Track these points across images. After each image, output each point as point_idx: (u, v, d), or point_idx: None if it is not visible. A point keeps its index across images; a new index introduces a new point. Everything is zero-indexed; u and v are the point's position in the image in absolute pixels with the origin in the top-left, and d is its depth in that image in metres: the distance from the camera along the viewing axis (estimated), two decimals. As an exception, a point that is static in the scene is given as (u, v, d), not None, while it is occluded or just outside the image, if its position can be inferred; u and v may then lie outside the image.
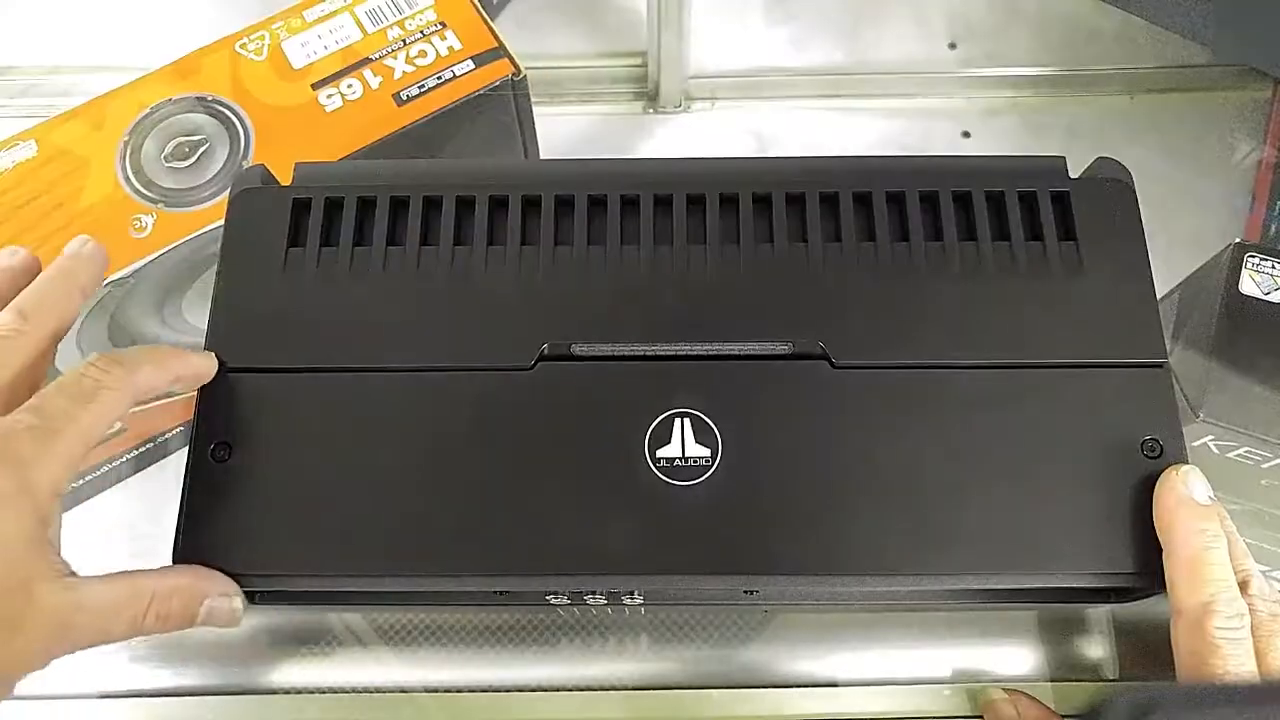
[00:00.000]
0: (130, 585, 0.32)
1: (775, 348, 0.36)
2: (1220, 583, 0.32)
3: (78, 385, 0.32)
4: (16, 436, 0.30)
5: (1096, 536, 0.34)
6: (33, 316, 0.34)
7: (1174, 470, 0.34)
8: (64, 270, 0.36)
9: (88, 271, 0.36)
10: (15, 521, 0.30)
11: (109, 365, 0.33)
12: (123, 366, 0.33)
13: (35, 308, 0.34)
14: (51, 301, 0.35)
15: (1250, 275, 0.48)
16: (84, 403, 0.32)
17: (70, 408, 0.32)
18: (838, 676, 0.38)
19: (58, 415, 0.31)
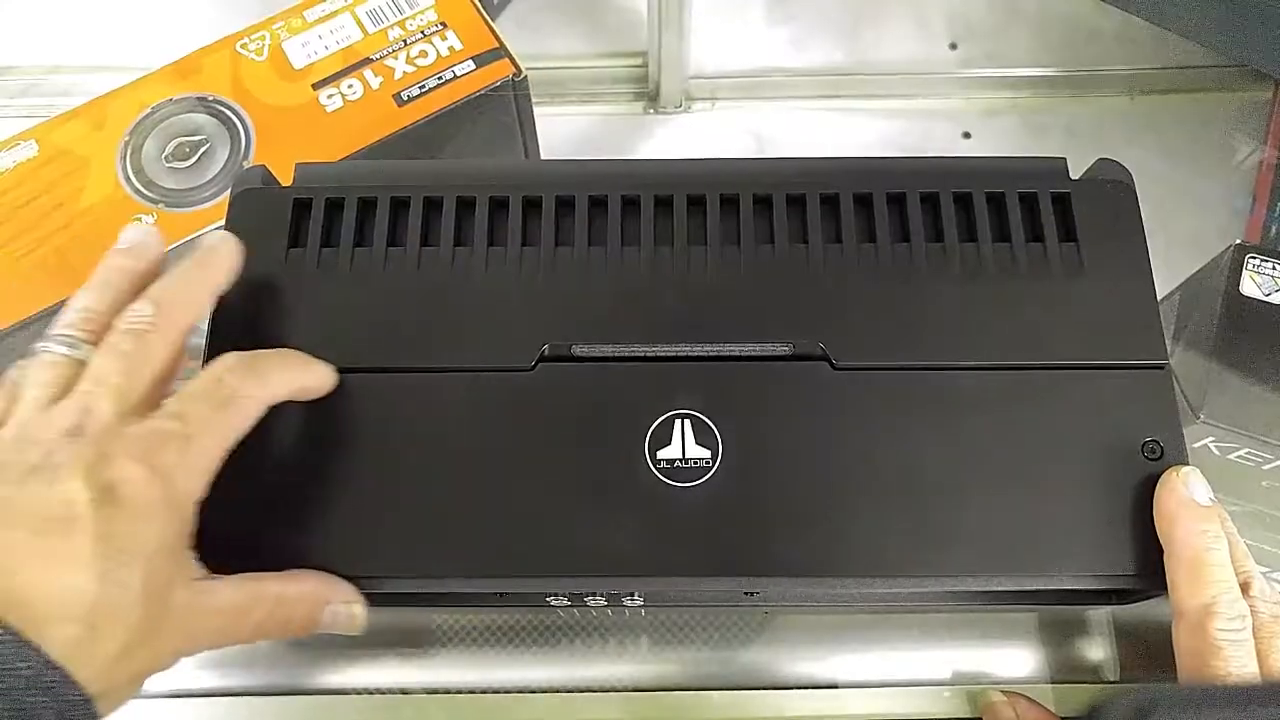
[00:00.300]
0: (256, 590, 0.32)
1: (776, 349, 0.36)
2: (1222, 584, 0.32)
3: (217, 392, 0.32)
4: (163, 445, 0.30)
5: (1097, 538, 0.34)
6: (166, 310, 0.33)
7: (1174, 471, 0.34)
8: (199, 263, 0.35)
9: (222, 267, 0.35)
10: (160, 530, 0.30)
11: (245, 373, 0.32)
12: (257, 374, 0.33)
13: (169, 301, 0.33)
14: (185, 296, 0.34)
15: (1251, 276, 0.48)
16: (223, 410, 0.32)
17: (211, 415, 0.31)
18: (838, 678, 0.38)
19: (199, 422, 0.31)
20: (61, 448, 0.30)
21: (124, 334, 0.32)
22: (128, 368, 0.31)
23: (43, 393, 0.31)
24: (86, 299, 0.34)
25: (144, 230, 0.36)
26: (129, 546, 0.29)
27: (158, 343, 0.32)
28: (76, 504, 0.29)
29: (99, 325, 0.33)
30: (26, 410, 0.31)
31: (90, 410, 0.30)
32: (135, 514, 0.29)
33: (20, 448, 0.30)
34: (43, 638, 0.27)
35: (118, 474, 0.29)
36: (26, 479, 0.29)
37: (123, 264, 0.35)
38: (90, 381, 0.31)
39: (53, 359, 0.32)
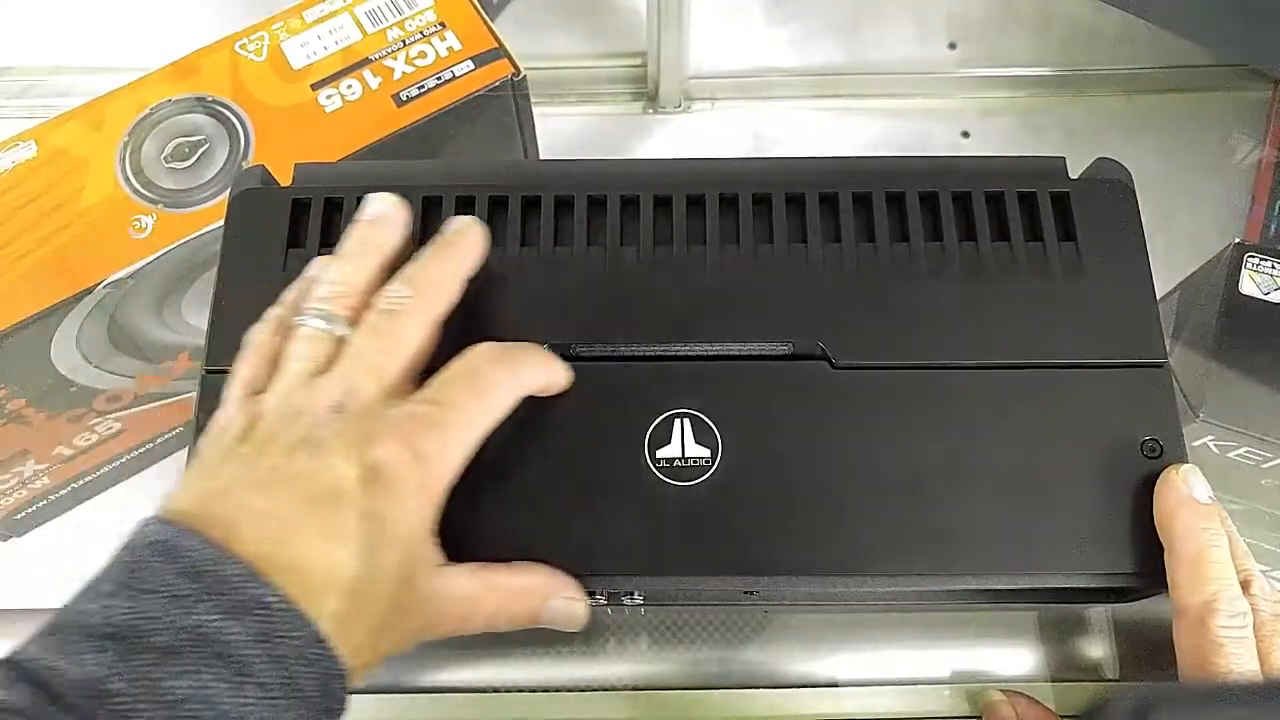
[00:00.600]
0: (488, 580, 0.32)
1: (775, 348, 0.36)
2: (1222, 581, 0.32)
3: (475, 380, 0.32)
4: (424, 429, 0.30)
5: (1097, 537, 0.34)
6: (423, 293, 0.33)
7: (1174, 469, 0.34)
8: (451, 246, 0.35)
9: (472, 251, 0.35)
10: (417, 515, 0.30)
11: (502, 365, 0.32)
12: (512, 366, 0.33)
13: (426, 284, 0.33)
14: (440, 280, 0.34)
15: (1250, 275, 0.48)
16: (480, 399, 0.32)
17: (469, 403, 0.31)
18: (838, 677, 0.38)
19: (458, 410, 0.31)
20: (327, 423, 0.30)
21: (383, 314, 0.32)
22: (387, 348, 0.32)
23: (304, 366, 0.32)
24: (338, 271, 0.34)
25: (389, 201, 0.35)
26: (389, 527, 0.29)
27: (415, 326, 0.32)
28: (345, 480, 0.29)
29: (354, 301, 0.33)
30: (289, 381, 0.31)
31: (354, 388, 0.31)
32: (397, 496, 0.29)
33: (287, 419, 0.30)
34: (310, 610, 0.27)
35: (382, 455, 0.29)
36: (295, 451, 0.29)
37: (371, 236, 0.35)
38: (352, 359, 0.31)
39: (311, 332, 0.32)
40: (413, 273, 0.33)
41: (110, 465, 0.59)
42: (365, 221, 0.35)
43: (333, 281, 0.33)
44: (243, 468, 0.29)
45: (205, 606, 0.26)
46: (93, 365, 0.51)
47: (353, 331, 0.32)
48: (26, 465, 0.54)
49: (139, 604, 0.26)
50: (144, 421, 0.57)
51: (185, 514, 0.28)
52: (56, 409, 0.52)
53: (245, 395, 0.32)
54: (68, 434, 0.54)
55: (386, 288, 0.33)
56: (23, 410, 0.50)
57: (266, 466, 0.29)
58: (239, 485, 0.29)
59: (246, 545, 0.27)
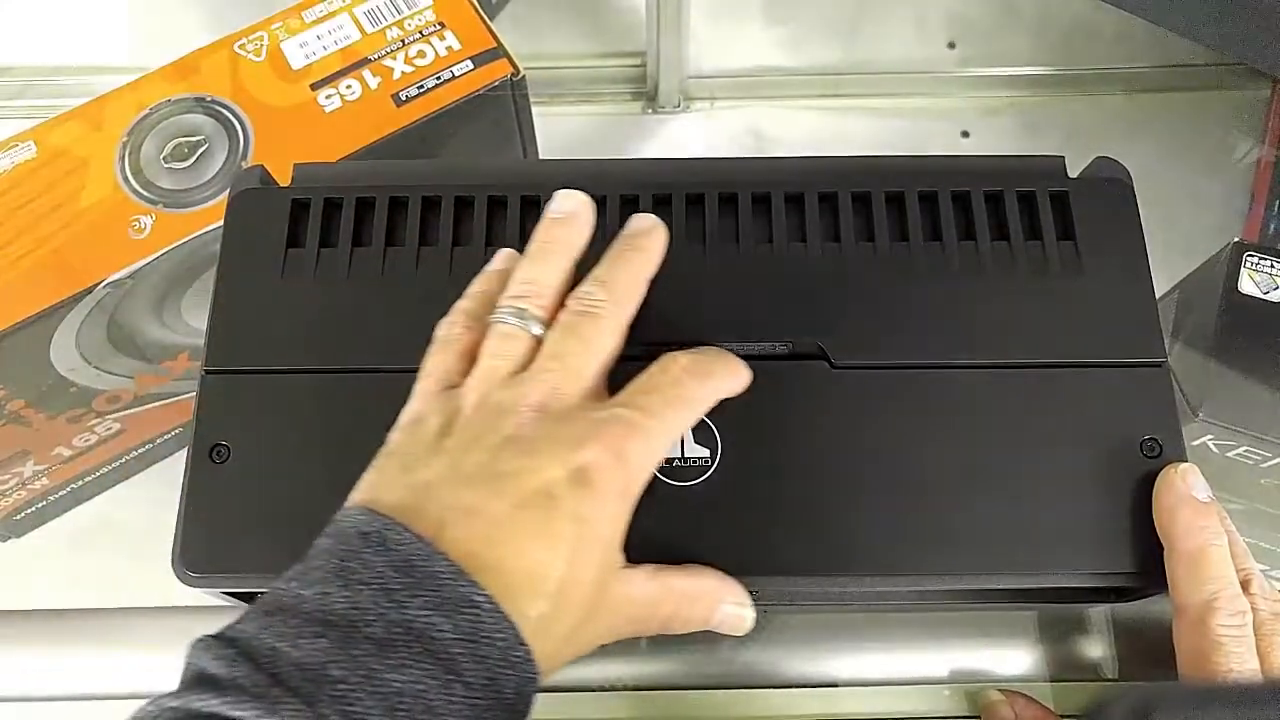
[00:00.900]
0: (665, 584, 0.32)
1: (774, 347, 0.36)
2: (1222, 580, 0.32)
3: (676, 391, 0.31)
4: (627, 434, 0.30)
5: (1096, 536, 0.34)
6: (617, 295, 0.33)
7: (1173, 468, 0.34)
8: (638, 247, 0.34)
9: (657, 251, 0.35)
10: (617, 518, 0.30)
11: (700, 376, 0.32)
12: (709, 378, 0.32)
13: (619, 286, 0.33)
14: (631, 281, 0.33)
15: (1249, 274, 0.48)
16: (678, 409, 0.31)
17: (667, 412, 0.31)
18: (837, 677, 0.38)
19: (657, 417, 0.31)
20: (534, 423, 0.30)
21: (581, 316, 0.32)
22: (586, 350, 0.31)
23: (502, 363, 0.31)
24: (530, 270, 0.33)
25: (578, 199, 0.35)
26: (593, 531, 0.29)
27: (611, 329, 0.32)
28: (554, 482, 0.29)
29: (547, 300, 0.33)
30: (489, 378, 0.31)
31: (557, 389, 0.31)
32: (601, 499, 0.29)
33: (491, 416, 0.30)
34: (515, 611, 0.27)
35: (590, 458, 0.29)
36: (502, 449, 0.29)
37: (561, 234, 0.34)
38: (552, 359, 0.31)
39: (509, 330, 0.32)
40: (605, 275, 0.33)
41: (110, 466, 0.59)
42: (554, 219, 0.35)
43: (527, 280, 0.33)
44: (449, 463, 0.29)
45: (418, 602, 0.26)
46: (92, 366, 0.51)
47: (548, 331, 0.32)
48: (26, 466, 0.54)
49: (354, 594, 0.26)
50: (143, 422, 0.57)
51: (393, 506, 0.28)
52: (56, 409, 0.52)
53: (439, 389, 0.32)
54: (67, 434, 0.54)
55: (580, 289, 0.33)
56: (22, 411, 0.50)
57: (474, 463, 0.29)
58: (446, 481, 0.29)
59: (455, 543, 0.27)
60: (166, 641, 0.39)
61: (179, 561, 0.34)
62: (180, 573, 0.34)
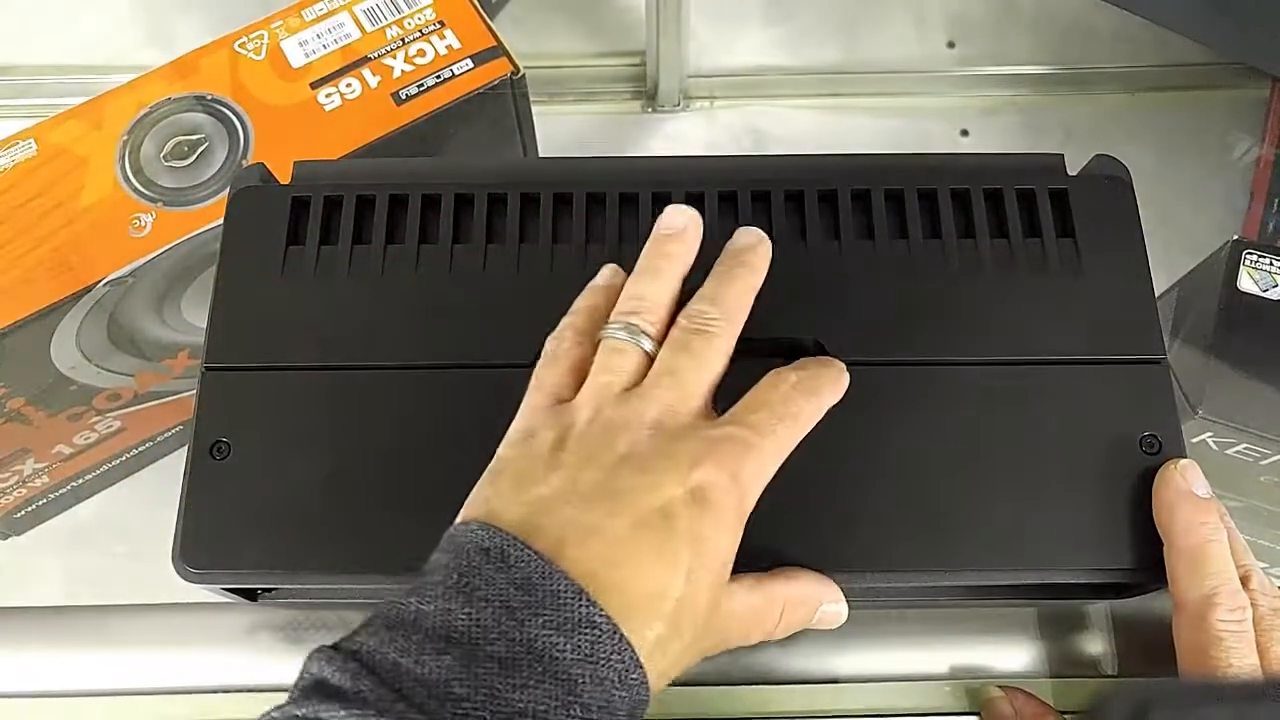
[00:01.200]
0: (768, 594, 0.32)
1: (773, 345, 0.36)
2: (1222, 575, 0.32)
3: (785, 408, 0.31)
4: (742, 453, 0.30)
5: (1096, 532, 0.34)
6: (728, 314, 0.32)
7: (1172, 464, 0.34)
8: (745, 265, 0.34)
9: (762, 269, 0.34)
10: (732, 538, 0.29)
11: (809, 394, 0.32)
12: (818, 395, 0.32)
13: (729, 305, 0.33)
14: (739, 300, 0.33)
15: (1248, 272, 0.48)
16: (789, 427, 0.31)
17: (778, 430, 0.31)
18: (837, 673, 0.38)
19: (769, 435, 0.30)
20: (649, 441, 0.29)
21: (695, 334, 0.32)
22: (700, 368, 0.31)
23: (616, 379, 0.31)
24: (641, 286, 0.33)
25: (686, 215, 0.34)
26: (709, 551, 0.29)
27: (722, 347, 0.32)
28: (673, 501, 0.28)
29: (658, 316, 0.33)
30: (602, 394, 0.31)
31: (672, 406, 0.30)
32: (716, 519, 0.29)
33: (606, 433, 0.30)
34: (632, 632, 0.27)
35: (706, 477, 0.29)
36: (619, 467, 0.29)
37: (673, 251, 0.34)
38: (666, 376, 0.31)
39: (621, 345, 0.32)
40: (715, 292, 0.33)
41: (110, 463, 0.59)
42: (664, 235, 0.34)
43: (639, 296, 0.33)
44: (566, 479, 0.29)
45: (539, 621, 0.26)
46: (92, 364, 0.51)
47: (661, 348, 0.32)
48: (26, 463, 0.54)
49: (475, 611, 0.26)
50: (144, 420, 0.57)
51: (513, 523, 0.28)
52: (56, 407, 0.52)
53: (551, 404, 0.32)
54: (68, 432, 0.54)
55: (692, 306, 0.33)
56: (23, 408, 0.50)
57: (591, 480, 0.29)
58: (564, 498, 0.29)
59: (575, 562, 0.27)
60: (166, 639, 0.39)
61: (179, 558, 0.34)
62: (181, 569, 0.34)
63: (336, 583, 0.35)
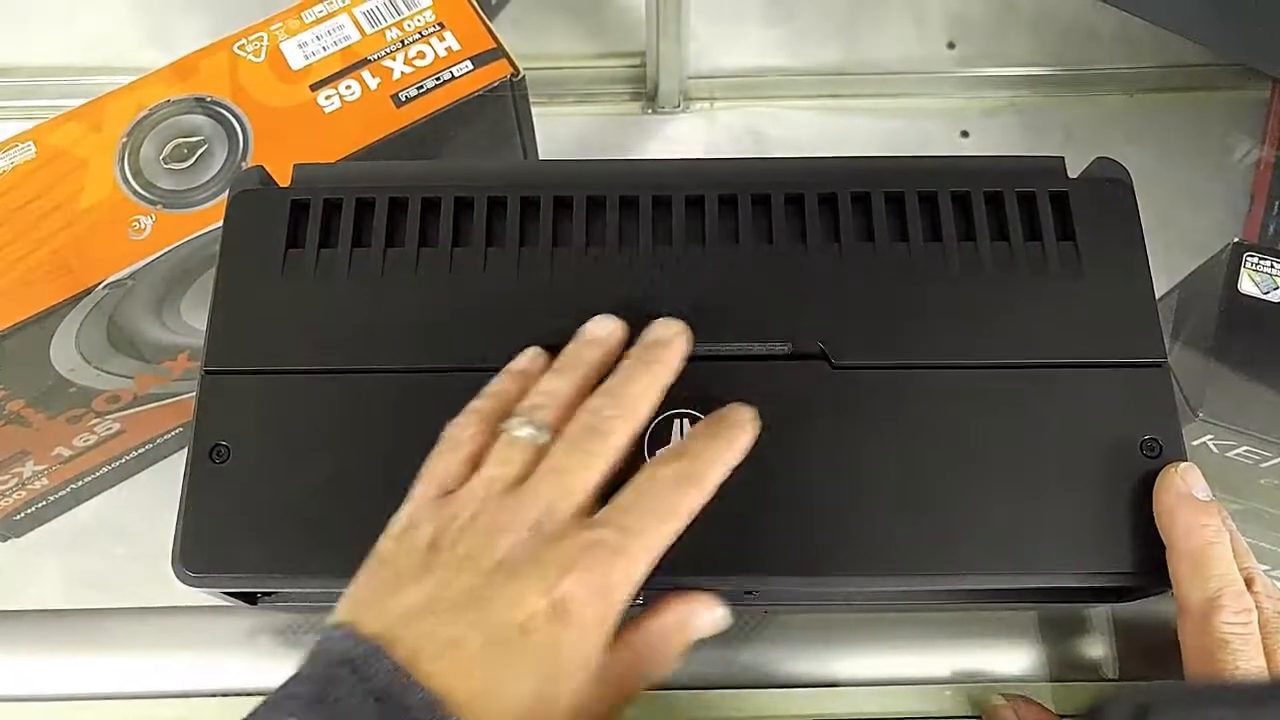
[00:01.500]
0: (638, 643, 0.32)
1: (774, 348, 0.36)
2: (1225, 577, 0.32)
3: (659, 503, 0.31)
4: (609, 561, 0.30)
5: (1097, 536, 0.34)
6: (628, 409, 0.32)
7: (1173, 468, 0.34)
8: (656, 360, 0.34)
9: (674, 364, 0.34)
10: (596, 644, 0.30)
11: (690, 483, 0.31)
12: (700, 483, 0.31)
13: (631, 400, 0.32)
14: (644, 396, 0.33)
15: (1249, 275, 0.48)
16: (665, 524, 0.31)
17: (652, 530, 0.30)
18: (838, 677, 0.38)
19: (641, 538, 0.30)
20: (525, 546, 0.30)
21: (588, 430, 0.32)
22: (588, 465, 0.31)
23: (505, 472, 0.31)
24: (554, 383, 0.33)
25: (611, 324, 0.35)
26: (569, 660, 0.29)
27: (616, 443, 0.32)
28: (536, 615, 0.29)
29: (562, 412, 0.33)
30: (488, 488, 0.31)
31: (552, 507, 0.30)
32: (578, 629, 0.29)
33: (485, 535, 0.30)
34: None
35: (570, 590, 0.29)
36: (492, 574, 0.29)
37: (587, 353, 0.34)
38: (553, 474, 0.31)
39: (516, 440, 0.32)
40: (618, 387, 0.33)
41: (110, 466, 0.59)
42: (588, 341, 0.35)
43: (545, 392, 0.33)
44: (436, 585, 0.29)
45: None
46: (92, 366, 0.51)
47: (554, 442, 0.32)
48: (26, 466, 0.54)
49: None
50: (143, 422, 0.57)
51: (375, 631, 0.28)
52: (56, 409, 0.52)
53: (437, 495, 0.32)
54: (67, 434, 0.54)
55: (592, 401, 0.32)
56: (22, 411, 0.50)
57: (461, 587, 0.29)
58: (429, 606, 0.29)
59: (431, 676, 0.27)
60: (166, 642, 0.39)
61: (179, 561, 0.34)
62: (180, 573, 0.34)
63: (336, 586, 0.35)
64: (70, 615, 0.40)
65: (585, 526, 0.30)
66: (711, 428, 0.33)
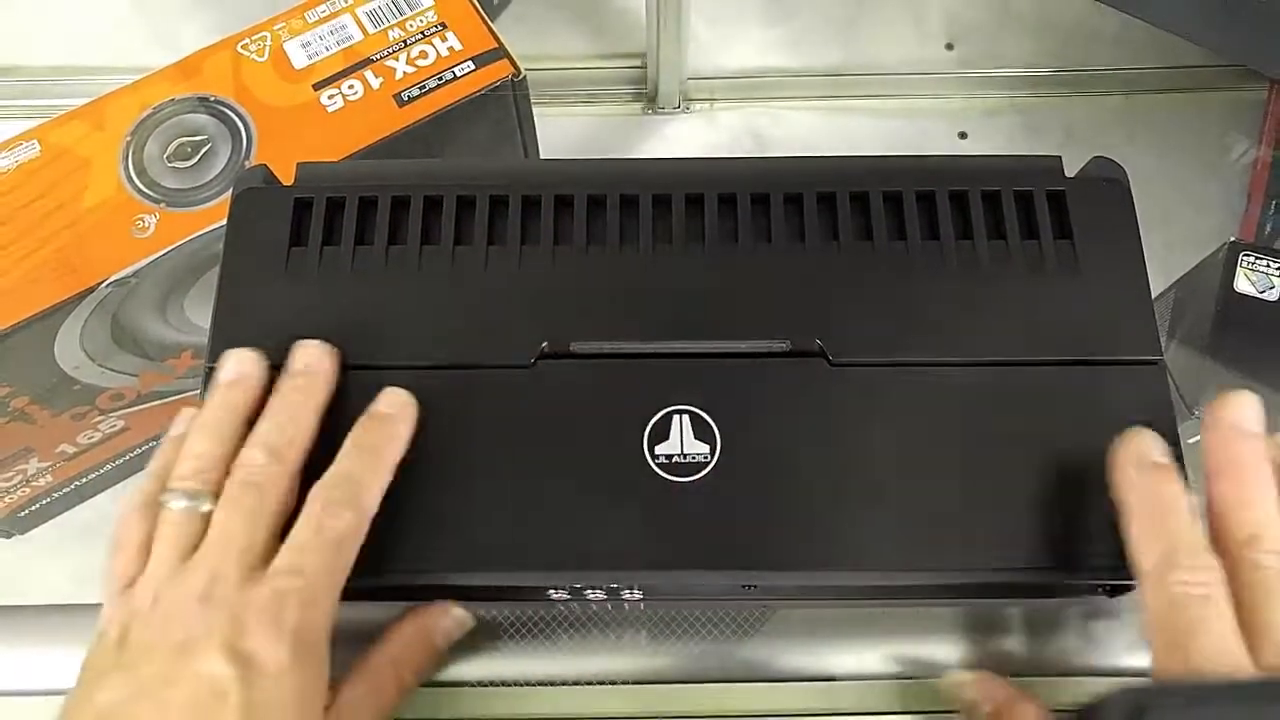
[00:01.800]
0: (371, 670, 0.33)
1: (773, 345, 0.36)
2: (1181, 535, 0.30)
3: (320, 536, 0.31)
4: (288, 604, 0.30)
5: (1092, 533, 0.34)
6: (280, 453, 0.33)
7: (1129, 432, 0.33)
8: (300, 390, 0.34)
9: (323, 387, 0.34)
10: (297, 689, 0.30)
11: (343, 506, 0.32)
12: (355, 505, 0.32)
13: (281, 443, 0.33)
14: (295, 431, 0.33)
15: (1245, 274, 0.48)
16: (334, 553, 0.31)
17: (324, 562, 0.31)
18: (835, 672, 0.38)
19: (315, 572, 0.31)
20: (198, 620, 0.30)
21: (243, 487, 0.32)
22: (251, 523, 0.31)
23: (170, 552, 0.32)
24: (199, 444, 0.33)
25: (245, 358, 0.35)
26: (271, 711, 0.30)
27: (276, 489, 0.32)
28: (223, 680, 0.29)
29: (216, 473, 0.33)
30: (158, 571, 0.31)
31: (218, 575, 0.31)
32: (274, 679, 0.30)
33: (161, 621, 0.30)
34: None
35: (253, 644, 0.30)
36: (175, 658, 0.30)
37: (230, 399, 0.34)
38: (216, 543, 0.31)
39: (176, 515, 0.32)
40: (266, 433, 0.33)
41: (113, 463, 0.59)
42: (221, 384, 0.34)
43: (195, 455, 0.33)
44: (125, 681, 0.30)
45: None
46: (96, 363, 0.51)
47: (215, 507, 0.32)
48: (30, 463, 0.54)
49: None
50: (147, 419, 0.57)
51: None
52: (60, 407, 0.52)
53: (120, 590, 0.32)
54: (71, 432, 0.54)
55: (244, 454, 0.32)
56: (26, 408, 0.51)
57: (150, 675, 0.30)
58: (126, 702, 0.29)
59: None
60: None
61: None
62: None
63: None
64: (74, 610, 0.40)
65: (256, 581, 0.31)
66: (358, 440, 0.33)
